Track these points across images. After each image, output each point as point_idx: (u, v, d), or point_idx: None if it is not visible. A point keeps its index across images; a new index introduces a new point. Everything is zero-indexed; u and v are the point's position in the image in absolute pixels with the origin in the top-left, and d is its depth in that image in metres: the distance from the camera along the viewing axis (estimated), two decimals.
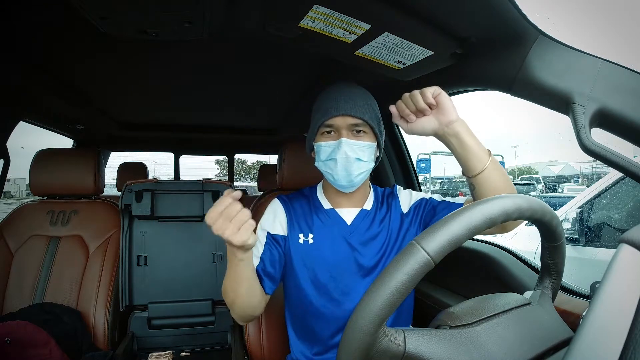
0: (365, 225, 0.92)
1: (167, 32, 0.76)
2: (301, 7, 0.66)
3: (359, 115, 0.83)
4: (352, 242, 0.90)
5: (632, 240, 0.33)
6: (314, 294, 0.89)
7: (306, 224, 0.93)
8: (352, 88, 0.88)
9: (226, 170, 5.74)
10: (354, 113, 0.83)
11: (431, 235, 0.39)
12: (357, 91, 0.88)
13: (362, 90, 0.90)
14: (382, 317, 0.38)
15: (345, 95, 0.85)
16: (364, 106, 0.85)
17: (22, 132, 1.77)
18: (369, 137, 0.87)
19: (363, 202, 0.95)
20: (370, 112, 0.86)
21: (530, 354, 0.43)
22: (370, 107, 0.87)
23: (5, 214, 1.41)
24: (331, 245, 0.90)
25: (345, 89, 0.87)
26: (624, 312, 0.31)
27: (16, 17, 0.92)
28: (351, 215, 0.93)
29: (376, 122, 0.88)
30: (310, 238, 0.91)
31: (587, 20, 6.14)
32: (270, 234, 0.91)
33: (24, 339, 1.00)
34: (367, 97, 0.89)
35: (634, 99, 0.60)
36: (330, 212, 0.93)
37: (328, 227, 0.92)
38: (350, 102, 0.84)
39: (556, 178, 20.47)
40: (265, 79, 1.44)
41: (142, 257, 1.45)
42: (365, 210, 0.94)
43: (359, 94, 0.88)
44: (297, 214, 0.94)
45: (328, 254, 0.89)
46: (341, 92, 0.86)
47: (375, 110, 0.89)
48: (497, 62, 0.76)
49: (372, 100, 0.90)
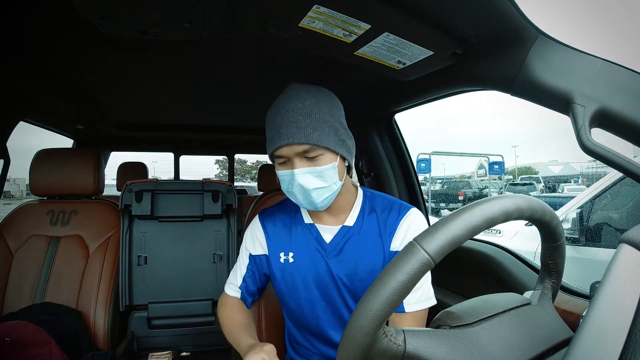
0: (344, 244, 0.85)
1: (167, 32, 0.76)
2: (301, 7, 0.66)
3: (305, 141, 0.73)
4: (329, 261, 0.85)
5: (632, 240, 0.33)
6: (300, 310, 0.89)
7: (287, 242, 0.89)
8: (299, 100, 0.75)
9: (226, 170, 5.75)
10: (299, 140, 0.73)
11: (431, 235, 0.39)
12: (301, 108, 0.74)
13: (311, 99, 0.76)
14: (382, 317, 0.38)
15: (286, 120, 0.74)
16: (310, 126, 0.74)
17: (23, 132, 1.76)
18: (326, 158, 0.76)
19: (346, 216, 0.87)
20: (320, 129, 0.74)
21: (530, 354, 0.43)
22: (323, 122, 0.75)
23: (5, 214, 1.41)
24: (311, 263, 0.86)
25: (286, 109, 0.75)
26: (624, 312, 0.31)
27: (16, 18, 0.92)
28: (331, 233, 0.87)
29: (333, 136, 0.76)
30: (290, 257, 0.88)
31: (587, 20, 6.13)
32: (252, 255, 0.92)
33: (24, 339, 1.00)
34: (320, 107, 0.76)
35: (634, 99, 0.60)
36: (312, 227, 0.88)
37: (307, 244, 0.88)
38: (295, 126, 0.73)
39: (556, 178, 20.47)
40: (265, 78, 1.44)
41: (142, 257, 1.45)
42: (347, 227, 0.86)
43: (304, 111, 0.74)
44: (278, 232, 0.91)
45: (308, 274, 0.87)
46: (282, 116, 0.75)
47: (331, 122, 0.76)
48: (497, 62, 0.76)
49: (326, 110, 0.76)
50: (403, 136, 1.63)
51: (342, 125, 0.80)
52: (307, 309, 0.88)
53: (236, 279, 0.94)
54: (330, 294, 0.86)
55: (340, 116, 0.81)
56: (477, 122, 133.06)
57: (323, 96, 0.78)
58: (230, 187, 1.51)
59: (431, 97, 1.21)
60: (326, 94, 0.80)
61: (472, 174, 20.46)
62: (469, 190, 12.90)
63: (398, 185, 1.62)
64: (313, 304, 0.87)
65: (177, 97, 1.72)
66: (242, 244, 0.96)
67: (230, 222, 1.54)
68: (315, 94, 0.77)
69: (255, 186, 4.07)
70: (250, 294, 0.94)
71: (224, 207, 1.49)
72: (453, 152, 27.52)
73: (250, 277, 0.93)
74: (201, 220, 1.51)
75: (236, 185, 2.61)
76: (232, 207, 1.50)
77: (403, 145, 1.63)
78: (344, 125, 0.81)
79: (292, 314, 0.93)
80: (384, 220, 0.85)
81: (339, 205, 0.86)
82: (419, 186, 1.63)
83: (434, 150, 10.95)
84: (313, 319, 0.88)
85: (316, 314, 0.87)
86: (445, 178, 20.97)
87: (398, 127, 1.61)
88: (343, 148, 0.79)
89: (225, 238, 1.53)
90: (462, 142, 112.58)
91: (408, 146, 1.64)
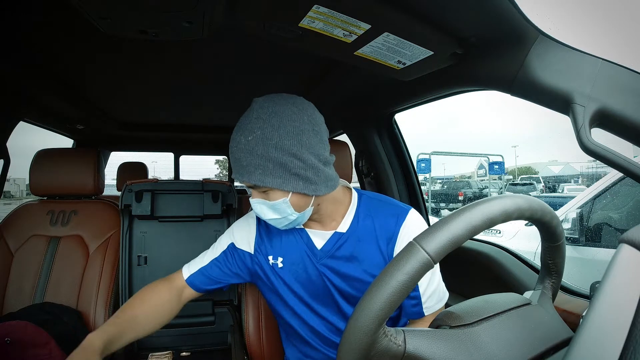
0: (336, 251, 0.84)
1: (167, 32, 0.76)
2: (301, 7, 0.66)
3: (247, 180, 0.72)
4: (320, 268, 0.84)
5: (632, 240, 0.33)
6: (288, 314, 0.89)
7: (277, 245, 0.87)
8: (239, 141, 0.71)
9: (226, 170, 5.75)
10: (242, 179, 0.72)
11: (431, 235, 0.39)
12: (244, 144, 0.70)
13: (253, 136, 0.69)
14: (382, 317, 0.38)
15: (232, 154, 0.73)
16: (251, 165, 0.70)
17: (23, 132, 1.77)
18: (275, 194, 0.73)
19: (338, 223, 0.84)
20: (263, 168, 0.69)
21: (530, 354, 0.43)
22: (264, 158, 0.69)
23: (5, 214, 1.41)
24: (302, 269, 0.85)
25: (233, 141, 0.73)
26: (624, 312, 0.31)
27: (16, 17, 0.92)
28: (323, 239, 0.84)
29: (279, 172, 0.70)
30: (279, 261, 0.86)
31: (587, 20, 6.11)
32: (234, 246, 0.91)
33: (24, 339, 1.00)
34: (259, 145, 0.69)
35: (634, 99, 0.60)
36: (303, 233, 0.86)
37: (298, 250, 0.86)
38: (237, 163, 0.72)
39: (556, 178, 20.46)
40: (265, 79, 1.44)
41: (142, 257, 1.44)
42: (339, 234, 0.84)
43: (246, 147, 0.70)
44: (270, 233, 0.89)
45: (298, 279, 0.86)
46: (230, 147, 0.74)
47: (272, 158, 0.69)
48: (497, 62, 0.76)
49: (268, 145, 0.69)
50: (403, 136, 1.63)
51: (295, 156, 0.70)
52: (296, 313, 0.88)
53: (200, 261, 0.93)
54: (320, 298, 0.86)
55: (295, 144, 0.70)
56: (477, 122, 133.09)
57: (275, 121, 0.70)
58: (231, 187, 1.51)
59: (431, 97, 1.21)
60: (281, 116, 0.70)
61: (472, 174, 20.46)
62: (469, 190, 12.90)
63: (398, 185, 1.62)
64: (301, 308, 0.87)
65: (177, 97, 1.72)
66: (227, 231, 0.95)
67: (230, 222, 1.54)
68: (266, 120, 0.70)
69: None
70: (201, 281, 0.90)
71: (224, 207, 1.49)
72: (453, 152, 27.52)
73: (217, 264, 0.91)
74: (201, 220, 1.50)
75: (236, 185, 2.61)
76: (232, 207, 1.50)
77: (403, 145, 1.63)
78: (300, 153, 0.70)
79: (281, 318, 0.93)
80: (381, 224, 0.83)
81: (327, 215, 0.84)
82: (419, 186, 1.63)
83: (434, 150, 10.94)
84: (302, 323, 0.88)
85: (304, 318, 0.87)
86: (445, 178, 20.97)
87: (398, 127, 1.61)
88: (296, 182, 0.71)
89: None
90: (462, 142, 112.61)
91: (408, 146, 1.64)
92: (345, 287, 0.83)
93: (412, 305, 0.81)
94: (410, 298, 0.82)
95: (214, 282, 0.91)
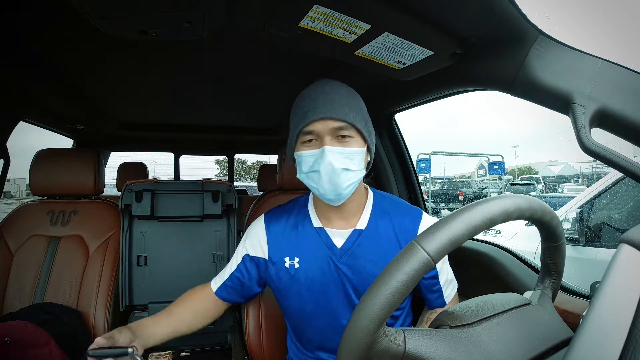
0: (357, 248, 0.83)
1: (167, 32, 0.76)
2: (301, 7, 0.66)
3: (343, 117, 0.73)
4: (341, 267, 0.82)
5: (632, 240, 0.33)
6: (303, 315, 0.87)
7: (293, 246, 0.86)
8: (334, 86, 0.78)
9: (226, 170, 5.75)
10: (337, 115, 0.72)
11: (431, 235, 0.39)
12: (340, 90, 0.77)
13: (345, 88, 0.79)
14: (382, 317, 0.38)
15: (324, 95, 0.74)
16: (347, 106, 0.74)
17: (23, 132, 1.76)
18: (356, 142, 0.76)
19: (357, 219, 0.85)
20: (356, 113, 0.76)
21: (530, 354, 0.43)
22: (357, 107, 0.77)
23: (5, 214, 1.41)
24: (319, 269, 0.83)
25: (325, 88, 0.76)
26: (624, 312, 0.31)
27: (16, 18, 0.92)
28: (342, 238, 0.84)
29: (363, 123, 0.77)
30: (296, 262, 0.85)
31: (587, 20, 6.11)
32: (249, 256, 0.91)
33: (24, 339, 1.00)
34: (352, 95, 0.79)
35: (634, 99, 0.60)
36: (321, 231, 0.85)
37: (316, 249, 0.84)
38: (331, 102, 0.73)
39: (556, 178, 20.47)
40: (265, 78, 1.44)
41: (142, 257, 1.44)
42: (358, 231, 0.84)
43: (342, 92, 0.77)
44: (283, 235, 0.88)
45: (315, 279, 0.84)
46: (320, 92, 0.75)
47: (362, 111, 0.79)
48: (497, 62, 0.76)
49: (358, 100, 0.80)
50: (403, 136, 1.63)
51: (369, 121, 0.82)
52: (310, 315, 0.86)
53: (223, 274, 0.94)
54: (338, 299, 0.84)
55: (367, 113, 0.83)
56: (477, 122, 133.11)
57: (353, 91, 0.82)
58: (230, 187, 1.51)
59: (431, 97, 1.21)
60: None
61: (472, 174, 20.48)
62: (469, 190, 12.91)
63: (398, 185, 1.62)
64: (318, 310, 0.85)
65: (177, 97, 1.72)
66: (241, 241, 0.95)
67: (230, 222, 1.54)
68: (347, 86, 0.81)
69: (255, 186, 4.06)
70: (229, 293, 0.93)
71: (224, 207, 1.49)
72: (453, 152, 27.53)
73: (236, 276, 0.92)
74: (201, 220, 1.50)
75: (236, 185, 2.61)
76: (232, 207, 1.50)
77: (403, 145, 1.63)
78: (369, 122, 0.83)
79: (293, 319, 0.91)
80: (399, 224, 0.84)
81: (350, 206, 0.84)
82: (419, 186, 1.63)
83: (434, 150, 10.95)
84: (316, 325, 0.86)
85: (320, 320, 0.86)
86: (445, 178, 20.99)
87: (398, 127, 1.61)
88: (370, 139, 0.80)
89: (225, 238, 1.53)
90: (461, 142, 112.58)
91: (408, 146, 1.64)
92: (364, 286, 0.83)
93: (436, 298, 0.87)
94: (432, 292, 0.87)
95: (239, 294, 0.94)
